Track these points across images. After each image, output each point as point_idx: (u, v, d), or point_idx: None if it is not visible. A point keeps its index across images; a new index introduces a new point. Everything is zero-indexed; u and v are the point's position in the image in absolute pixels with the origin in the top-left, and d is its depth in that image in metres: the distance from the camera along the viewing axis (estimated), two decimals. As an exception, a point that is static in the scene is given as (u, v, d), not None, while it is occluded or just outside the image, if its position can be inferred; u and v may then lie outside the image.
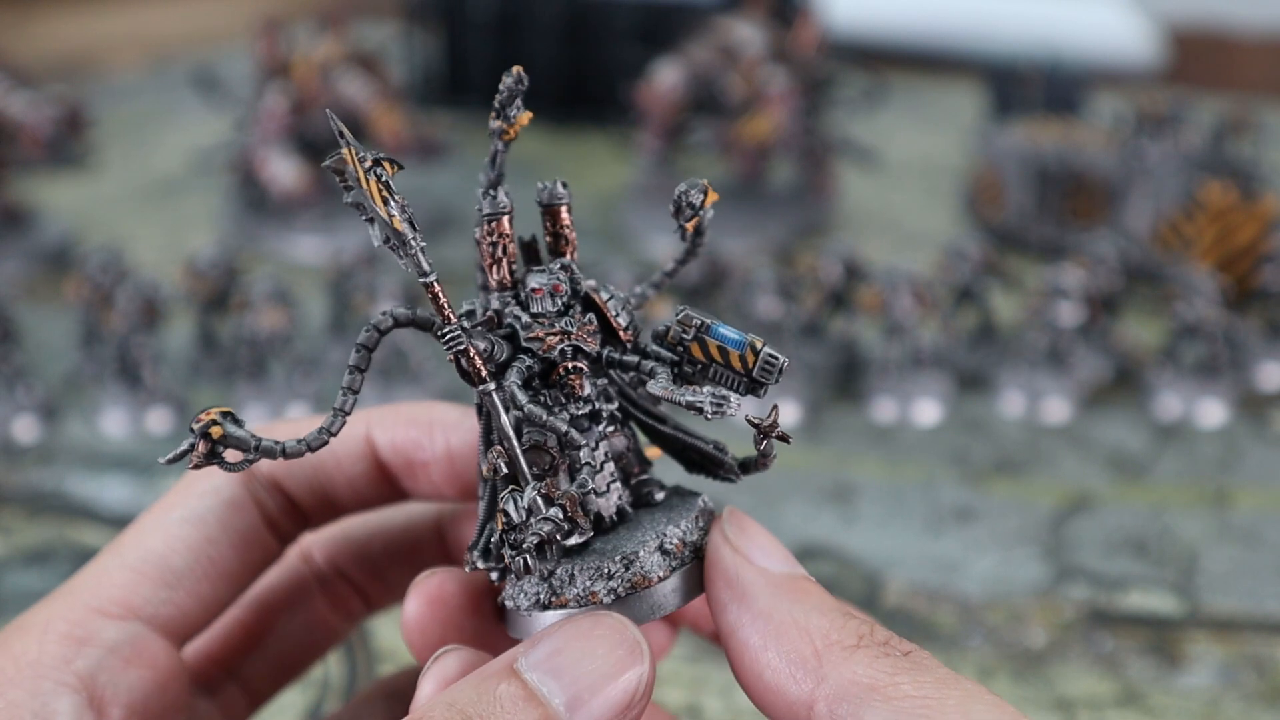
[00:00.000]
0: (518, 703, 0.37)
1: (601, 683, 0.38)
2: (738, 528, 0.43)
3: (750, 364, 0.44)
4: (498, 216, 0.46)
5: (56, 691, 0.42)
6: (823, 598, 0.40)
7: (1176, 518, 1.00)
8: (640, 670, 0.39)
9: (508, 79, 0.45)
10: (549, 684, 0.38)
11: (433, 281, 0.42)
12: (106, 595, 0.45)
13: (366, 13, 2.35)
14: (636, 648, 0.39)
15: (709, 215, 0.47)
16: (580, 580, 0.42)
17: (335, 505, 0.51)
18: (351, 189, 0.42)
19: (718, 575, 0.42)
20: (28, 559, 0.93)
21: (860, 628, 0.39)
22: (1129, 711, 0.79)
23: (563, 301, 0.45)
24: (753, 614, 0.40)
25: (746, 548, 0.42)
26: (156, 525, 0.47)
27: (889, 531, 0.98)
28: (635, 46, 1.89)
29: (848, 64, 1.78)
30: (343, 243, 1.43)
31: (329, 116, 0.42)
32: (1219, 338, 1.16)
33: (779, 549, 0.43)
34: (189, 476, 0.49)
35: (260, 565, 0.50)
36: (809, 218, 1.64)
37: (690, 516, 0.44)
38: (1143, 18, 2.53)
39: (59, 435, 1.11)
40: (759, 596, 0.40)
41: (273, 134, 1.54)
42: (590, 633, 0.40)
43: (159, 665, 0.46)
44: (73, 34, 2.69)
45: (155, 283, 1.18)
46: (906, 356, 1.17)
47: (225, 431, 0.40)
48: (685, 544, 0.44)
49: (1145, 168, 1.45)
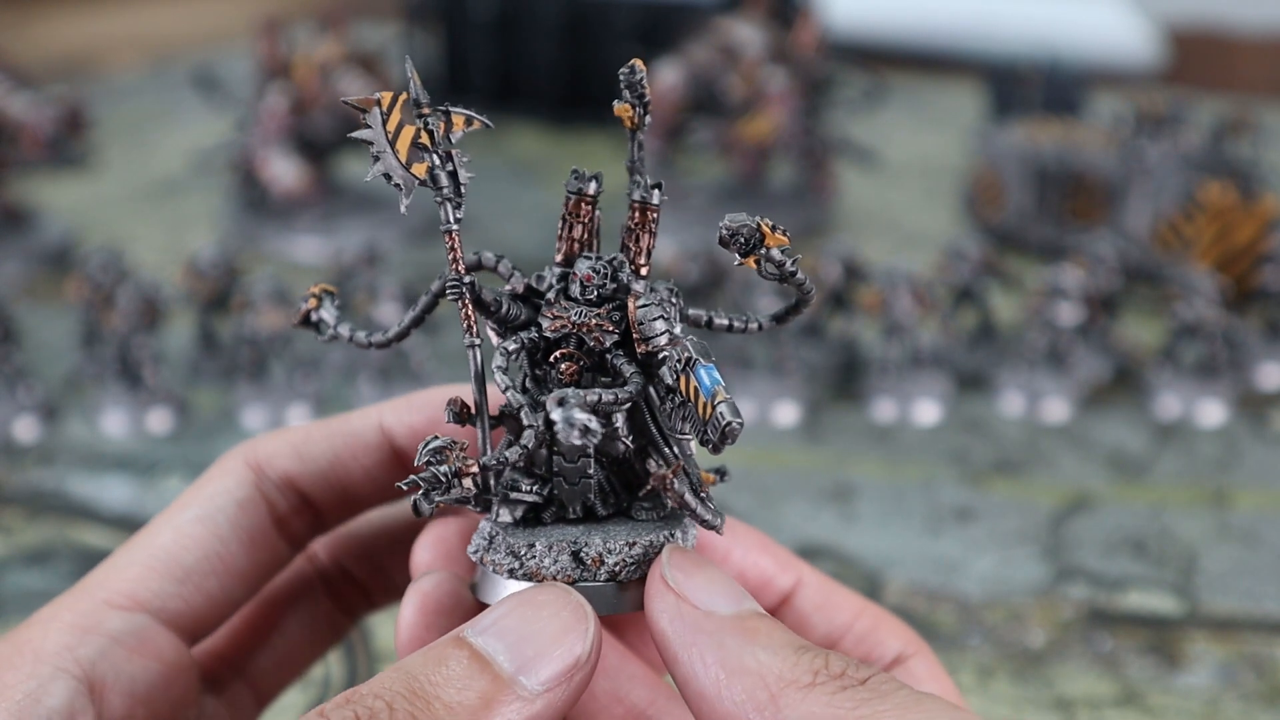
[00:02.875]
0: (465, 664, 0.38)
1: (547, 644, 0.39)
2: (678, 570, 0.42)
3: (707, 416, 0.43)
4: (572, 195, 0.46)
5: (54, 675, 0.43)
6: (773, 634, 0.39)
7: (1176, 518, 1.00)
8: (584, 630, 0.40)
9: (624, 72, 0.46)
10: (494, 645, 0.39)
11: (448, 231, 0.45)
12: (115, 588, 0.46)
13: (366, 13, 2.35)
14: (580, 610, 0.41)
15: (789, 264, 0.44)
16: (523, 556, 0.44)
17: (352, 499, 0.51)
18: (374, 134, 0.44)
19: (663, 623, 0.40)
20: (28, 559, 0.93)
21: (814, 662, 0.38)
22: (1128, 711, 0.79)
23: (596, 293, 0.45)
24: (704, 663, 0.39)
25: (690, 591, 0.41)
26: (168, 523, 0.48)
27: (889, 531, 0.98)
28: (635, 47, 1.89)
29: (848, 64, 1.78)
30: (343, 243, 1.43)
31: (408, 65, 0.45)
32: (1218, 338, 1.16)
33: (724, 586, 0.41)
34: (202, 477, 0.50)
35: (271, 566, 0.50)
36: (809, 218, 1.64)
37: (624, 540, 0.44)
38: (1142, 18, 2.53)
39: (59, 435, 1.11)
40: (707, 645, 0.39)
41: (273, 134, 1.54)
42: (533, 599, 0.41)
43: (165, 658, 0.46)
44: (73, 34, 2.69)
45: (156, 283, 1.18)
46: (906, 356, 1.17)
47: (319, 306, 0.50)
48: (602, 562, 0.43)
49: (1145, 168, 1.45)
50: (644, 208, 0.46)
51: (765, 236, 0.43)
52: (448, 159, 0.45)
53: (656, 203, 0.46)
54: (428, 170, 0.44)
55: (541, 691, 0.39)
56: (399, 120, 0.44)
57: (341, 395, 1.18)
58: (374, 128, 0.44)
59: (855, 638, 0.49)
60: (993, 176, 1.59)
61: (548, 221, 1.65)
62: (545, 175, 1.86)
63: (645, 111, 0.46)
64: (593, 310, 0.45)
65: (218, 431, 1.12)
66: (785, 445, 1.11)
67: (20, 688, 0.42)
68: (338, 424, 0.50)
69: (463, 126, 0.45)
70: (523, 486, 0.46)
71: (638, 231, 0.46)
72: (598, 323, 0.44)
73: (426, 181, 0.44)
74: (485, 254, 0.48)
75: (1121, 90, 2.13)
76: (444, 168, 0.44)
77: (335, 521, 0.52)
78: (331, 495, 0.51)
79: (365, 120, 0.44)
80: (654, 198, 0.46)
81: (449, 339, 1.18)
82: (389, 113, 0.44)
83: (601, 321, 0.45)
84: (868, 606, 0.50)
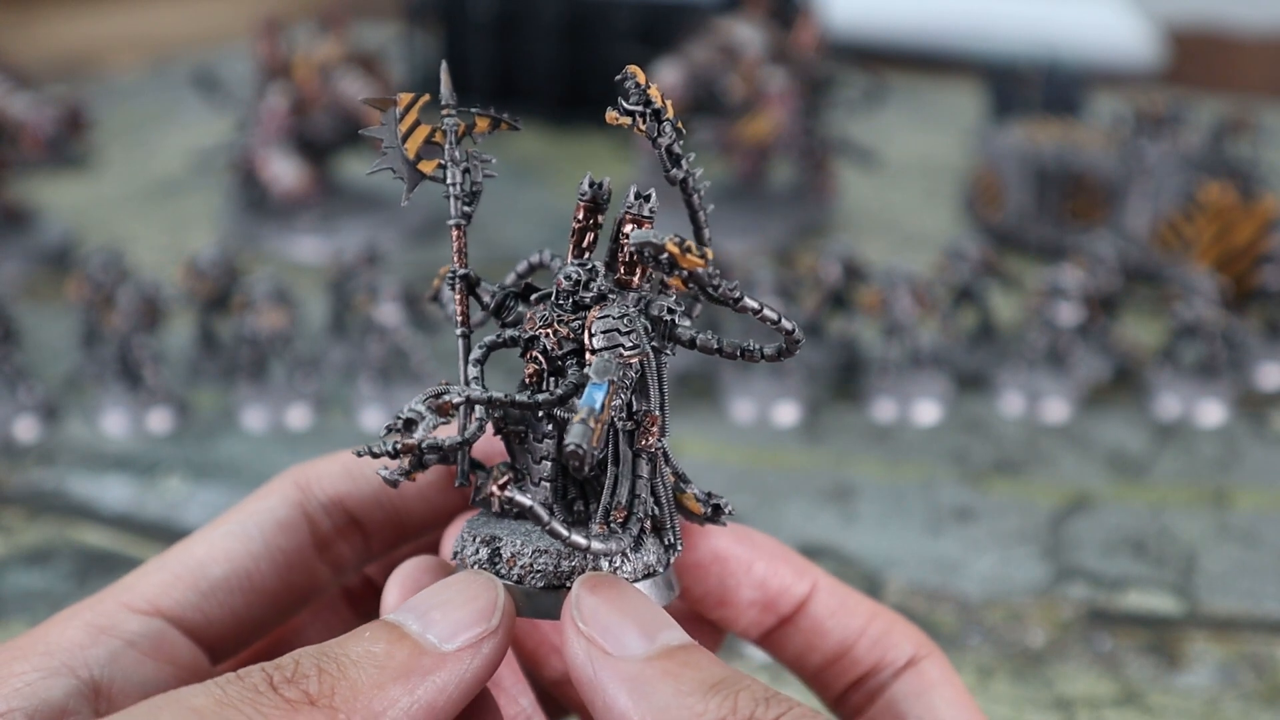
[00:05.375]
0: (375, 629, 0.40)
1: (453, 610, 0.41)
2: (587, 607, 0.40)
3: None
4: (581, 199, 0.46)
5: (58, 671, 0.43)
6: (683, 675, 0.38)
7: (1176, 518, 1.00)
8: (492, 599, 0.41)
9: (626, 82, 0.44)
10: (404, 616, 0.41)
11: (454, 225, 0.46)
12: (138, 593, 0.46)
13: (366, 13, 2.35)
14: (489, 586, 0.42)
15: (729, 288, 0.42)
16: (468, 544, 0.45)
17: (404, 522, 0.50)
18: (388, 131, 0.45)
19: (576, 665, 0.40)
20: (28, 559, 0.93)
21: (723, 706, 0.37)
22: (1128, 711, 0.79)
23: (571, 299, 0.44)
24: (615, 708, 0.38)
25: (599, 632, 0.40)
26: (204, 536, 0.48)
27: (889, 531, 0.98)
28: (635, 46, 1.89)
29: (848, 64, 1.78)
30: (343, 243, 1.43)
31: (442, 69, 0.47)
32: (1218, 338, 1.16)
33: (637, 621, 0.40)
34: (251, 494, 0.49)
35: (306, 590, 0.49)
36: (809, 218, 1.64)
37: (535, 546, 0.44)
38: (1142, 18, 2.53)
39: (59, 435, 1.11)
40: (619, 689, 0.38)
41: (273, 134, 1.54)
42: (446, 580, 0.43)
43: (181, 664, 0.46)
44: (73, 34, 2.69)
45: (156, 283, 1.18)
46: (906, 356, 1.17)
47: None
48: (515, 563, 0.44)
49: (1144, 168, 1.45)
50: (634, 220, 0.44)
51: (675, 258, 0.40)
52: (463, 158, 0.45)
53: (648, 215, 0.44)
54: (438, 166, 0.45)
55: (452, 651, 0.39)
56: (415, 120, 0.45)
57: (341, 395, 1.18)
58: (387, 125, 0.44)
59: (870, 641, 0.50)
60: (992, 176, 1.59)
61: (547, 221, 1.65)
62: (545, 175, 1.86)
63: (658, 120, 0.43)
64: (558, 315, 0.44)
65: (218, 431, 1.12)
66: (785, 445, 1.12)
67: (23, 677, 0.42)
68: None
69: (487, 128, 0.46)
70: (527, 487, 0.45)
71: (625, 243, 0.45)
72: (556, 329, 0.44)
73: (435, 177, 0.45)
74: (545, 253, 0.48)
75: (1121, 90, 2.13)
76: (456, 166, 0.45)
77: (383, 548, 0.52)
78: (382, 517, 0.50)
79: (380, 118, 0.45)
80: (644, 210, 0.44)
81: (450, 339, 1.18)
82: (405, 113, 0.45)
83: (560, 328, 0.44)
84: (881, 610, 0.50)
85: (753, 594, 0.49)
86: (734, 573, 0.49)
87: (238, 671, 0.38)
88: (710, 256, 0.41)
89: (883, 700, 0.49)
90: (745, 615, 0.50)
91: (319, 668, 0.38)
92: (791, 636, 0.50)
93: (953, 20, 2.51)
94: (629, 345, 0.43)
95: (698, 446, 1.11)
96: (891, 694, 0.49)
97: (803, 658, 0.51)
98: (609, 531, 0.44)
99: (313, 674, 0.38)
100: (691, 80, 1.58)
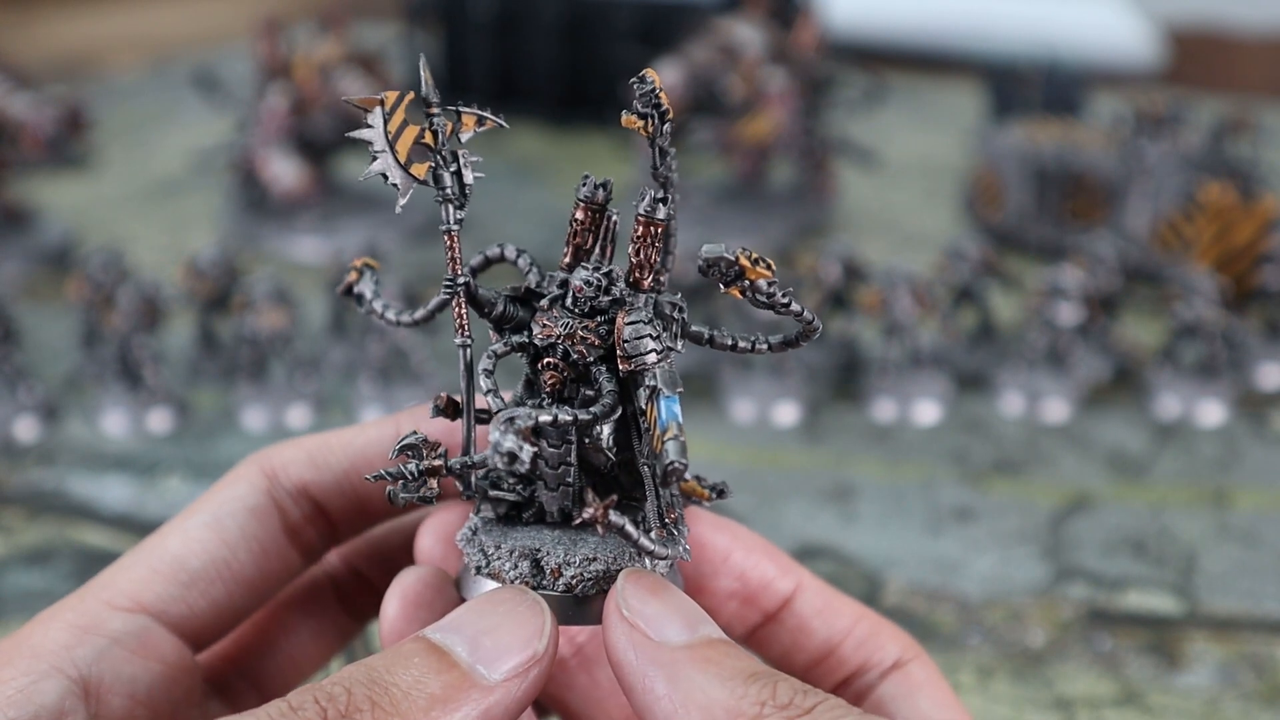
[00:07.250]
0: (423, 654, 0.40)
1: (504, 638, 0.41)
2: (633, 598, 0.42)
3: (657, 450, 0.41)
4: (580, 202, 0.46)
5: (47, 673, 0.43)
6: (724, 664, 0.40)
7: (1175, 518, 1.00)
8: (540, 626, 0.41)
9: (634, 82, 0.44)
10: (452, 639, 0.41)
11: (448, 231, 0.45)
12: (119, 589, 0.46)
13: (366, 13, 2.35)
14: (536, 608, 0.42)
15: (780, 295, 0.43)
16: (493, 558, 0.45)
17: (368, 510, 0.51)
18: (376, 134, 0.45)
19: (618, 653, 0.41)
20: (28, 559, 0.93)
21: (762, 693, 0.38)
22: (1128, 711, 0.79)
23: (589, 304, 0.44)
24: (657, 694, 0.39)
25: (643, 621, 0.41)
26: (178, 528, 0.48)
27: (889, 531, 0.98)
28: (635, 46, 1.89)
29: (848, 64, 1.78)
30: (343, 243, 1.43)
31: (421, 64, 0.45)
32: (1218, 338, 1.16)
33: (679, 613, 0.41)
34: (217, 483, 0.50)
35: (281, 575, 0.50)
36: (809, 218, 1.64)
37: (585, 554, 0.44)
38: (1142, 18, 2.53)
39: (59, 435, 1.11)
40: (660, 676, 0.40)
41: (273, 134, 1.54)
42: (491, 599, 0.42)
43: (167, 659, 0.46)
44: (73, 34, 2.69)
45: (156, 283, 1.18)
46: (906, 356, 1.17)
47: (359, 280, 0.49)
48: (560, 574, 0.44)
49: (1144, 168, 1.45)
50: (647, 221, 0.44)
51: (745, 270, 0.42)
52: (452, 159, 0.44)
53: (662, 218, 0.44)
54: (429, 170, 0.44)
55: (500, 681, 0.40)
56: (402, 120, 0.44)
57: (341, 395, 1.18)
58: (375, 127, 0.44)
59: (855, 642, 0.50)
60: (992, 176, 1.59)
61: (547, 221, 1.65)
62: (545, 175, 1.86)
63: (664, 122, 0.44)
64: (581, 322, 0.44)
65: (218, 431, 1.12)
66: (785, 445, 1.12)
67: (13, 683, 0.42)
68: (354, 433, 0.50)
69: (473, 127, 0.45)
70: (503, 485, 0.46)
71: (639, 244, 0.45)
72: (582, 335, 0.44)
73: (427, 181, 0.44)
74: (508, 248, 0.48)
75: (1121, 90, 2.13)
76: (447, 168, 0.44)
77: (349, 533, 0.52)
78: (346, 505, 0.50)
79: (367, 120, 0.44)
80: (658, 212, 0.44)
81: (449, 339, 1.18)
82: (392, 113, 0.44)
83: (587, 335, 0.44)
84: (866, 612, 0.51)
85: (731, 584, 0.50)
86: (710, 560, 0.49)
87: (288, 700, 0.38)
88: (775, 268, 0.42)
89: (869, 701, 0.49)
90: (725, 607, 0.50)
91: (372, 700, 0.38)
92: (777, 634, 0.50)
93: (953, 20, 2.51)
94: (660, 348, 0.43)
95: (698, 446, 1.11)
96: (878, 695, 0.49)
97: (789, 656, 0.51)
98: (668, 535, 0.44)
99: (366, 708, 0.38)
100: (691, 80, 1.58)
